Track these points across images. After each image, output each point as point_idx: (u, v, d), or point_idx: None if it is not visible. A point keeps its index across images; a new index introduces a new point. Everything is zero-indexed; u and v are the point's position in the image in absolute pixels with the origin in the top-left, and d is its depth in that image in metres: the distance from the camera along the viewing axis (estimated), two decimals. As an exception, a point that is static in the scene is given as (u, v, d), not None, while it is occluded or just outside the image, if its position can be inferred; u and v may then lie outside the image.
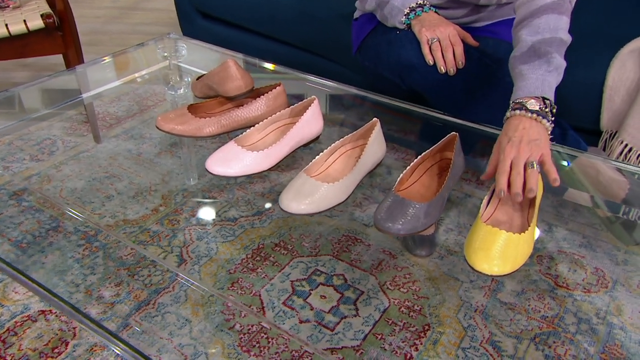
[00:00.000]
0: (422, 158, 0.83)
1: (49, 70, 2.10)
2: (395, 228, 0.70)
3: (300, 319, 0.85)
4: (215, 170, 0.83)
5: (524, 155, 0.74)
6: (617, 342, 0.82)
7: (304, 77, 1.20)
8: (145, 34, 2.53)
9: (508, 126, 0.79)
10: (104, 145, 1.31)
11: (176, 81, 1.21)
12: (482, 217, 0.71)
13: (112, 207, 1.09)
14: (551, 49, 0.83)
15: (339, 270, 0.94)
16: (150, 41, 1.32)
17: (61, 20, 1.53)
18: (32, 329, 0.88)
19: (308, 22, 1.53)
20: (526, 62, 0.83)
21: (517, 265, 0.64)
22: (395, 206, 0.72)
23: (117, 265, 0.96)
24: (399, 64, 1.01)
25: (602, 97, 1.11)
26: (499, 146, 0.78)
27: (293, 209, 0.75)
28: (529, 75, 0.81)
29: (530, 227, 0.69)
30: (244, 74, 0.93)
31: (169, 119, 0.91)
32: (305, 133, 0.89)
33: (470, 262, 0.64)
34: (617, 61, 1.08)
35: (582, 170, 0.98)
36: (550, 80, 0.81)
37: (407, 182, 0.82)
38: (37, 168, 1.22)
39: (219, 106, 1.00)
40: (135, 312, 0.87)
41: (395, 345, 0.81)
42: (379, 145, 0.88)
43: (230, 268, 0.95)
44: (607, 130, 1.12)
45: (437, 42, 0.97)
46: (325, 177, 0.83)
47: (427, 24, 1.00)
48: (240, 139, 0.87)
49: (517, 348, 0.81)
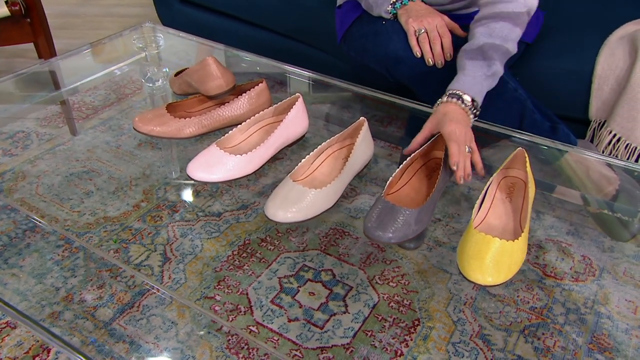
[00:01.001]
0: (411, 159, 0.82)
1: (19, 57, 2.02)
2: (386, 237, 0.69)
3: (289, 318, 0.84)
4: (197, 176, 0.80)
5: (468, 141, 0.83)
6: (605, 331, 0.83)
7: (285, 68, 1.17)
8: (120, 16, 2.44)
9: (446, 109, 0.86)
10: (80, 138, 1.27)
11: (154, 73, 1.17)
12: (473, 222, 0.69)
13: (92, 204, 1.05)
14: (495, 55, 0.92)
15: (327, 265, 0.93)
16: (126, 31, 1.27)
17: (28, 7, 1.45)
18: (11, 336, 0.85)
19: (290, 8, 1.48)
20: (472, 58, 0.92)
21: (511, 274, 0.63)
22: (386, 213, 0.70)
23: (99, 266, 0.94)
24: (385, 56, 0.99)
25: (590, 86, 1.09)
26: (435, 126, 0.86)
27: (280, 218, 0.73)
28: (470, 73, 0.91)
29: (524, 233, 0.68)
30: (224, 71, 0.89)
31: (147, 119, 0.88)
32: (290, 133, 0.86)
33: (463, 272, 0.63)
34: (606, 49, 1.06)
35: (571, 166, 0.97)
36: (484, 85, 0.91)
37: (397, 185, 0.80)
38: (11, 163, 1.17)
39: (199, 104, 0.96)
40: (119, 315, 0.85)
41: (386, 342, 0.81)
42: (367, 145, 0.86)
43: (216, 266, 0.93)
44: (596, 120, 1.11)
45: (425, 33, 0.95)
46: (312, 182, 0.81)
47: (414, 14, 0.97)
48: (223, 141, 0.84)
49: (507, 341, 0.81)
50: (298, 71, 1.17)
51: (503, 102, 0.96)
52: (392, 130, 1.29)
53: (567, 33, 1.01)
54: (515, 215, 0.72)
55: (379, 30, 1.01)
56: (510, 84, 0.98)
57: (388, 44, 0.98)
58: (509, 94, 0.97)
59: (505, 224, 0.71)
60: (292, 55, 1.46)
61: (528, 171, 0.82)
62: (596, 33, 1.12)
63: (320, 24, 1.40)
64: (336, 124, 1.21)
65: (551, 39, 1.12)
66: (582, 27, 1.16)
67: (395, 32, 0.98)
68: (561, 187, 0.98)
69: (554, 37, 1.10)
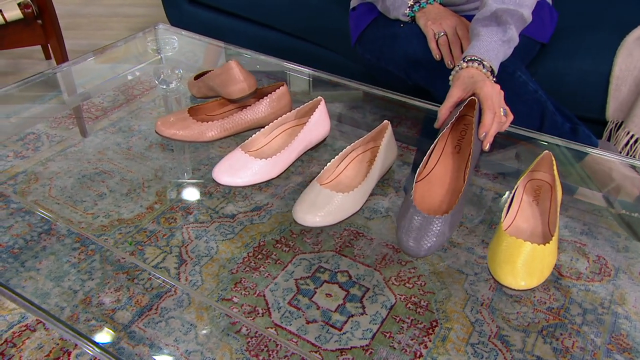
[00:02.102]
0: (429, 164, 0.81)
1: (26, 58, 2.02)
2: (423, 252, 0.68)
3: (307, 320, 0.84)
4: (223, 180, 0.80)
5: (502, 104, 0.81)
6: (623, 332, 0.83)
7: (287, 66, 1.16)
8: (125, 16, 2.44)
9: (470, 72, 0.83)
10: (91, 140, 1.26)
11: (167, 75, 1.16)
12: (503, 225, 0.69)
13: (105, 206, 1.05)
14: (510, 20, 0.88)
15: (343, 266, 0.93)
16: (139, 33, 1.26)
17: (40, 10, 1.45)
18: (31, 339, 0.85)
19: (299, 8, 1.48)
20: (486, 25, 0.88)
21: (543, 278, 0.63)
22: (420, 225, 0.69)
23: (116, 269, 0.94)
24: (405, 59, 0.99)
25: (608, 87, 1.09)
26: (463, 91, 0.83)
27: (309, 222, 0.73)
28: (485, 39, 0.87)
29: (554, 236, 0.68)
30: (247, 75, 0.89)
31: (170, 123, 0.88)
32: (313, 137, 0.87)
33: (495, 276, 0.62)
34: (624, 50, 1.06)
35: (593, 167, 0.97)
36: (500, 51, 0.88)
37: (420, 190, 0.80)
38: (23, 165, 1.17)
39: (220, 108, 0.96)
40: (138, 318, 0.85)
41: (405, 344, 0.81)
42: (390, 149, 0.86)
43: (232, 268, 0.93)
44: (613, 121, 1.11)
45: (444, 36, 0.95)
46: (337, 185, 0.81)
47: (432, 16, 0.97)
48: (247, 145, 0.84)
49: (526, 342, 0.81)
50: (300, 69, 1.17)
51: (524, 105, 0.96)
52: (402, 130, 1.29)
53: (583, 33, 1.01)
54: (543, 218, 0.72)
55: (397, 33, 1.00)
56: (531, 85, 0.98)
57: (407, 47, 0.98)
58: (530, 96, 0.97)
59: (533, 227, 0.71)
60: (301, 55, 1.46)
61: (555, 174, 0.82)
62: (612, 33, 1.12)
63: (330, 23, 1.40)
64: (348, 124, 1.21)
65: (567, 40, 1.12)
66: (598, 28, 1.16)
67: (414, 35, 0.98)
68: (583, 189, 0.98)
69: (570, 38, 1.10)
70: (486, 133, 0.77)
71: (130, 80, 1.46)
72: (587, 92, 1.13)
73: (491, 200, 1.05)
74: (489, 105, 0.78)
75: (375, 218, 1.02)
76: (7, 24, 1.42)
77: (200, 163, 1.13)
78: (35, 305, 0.65)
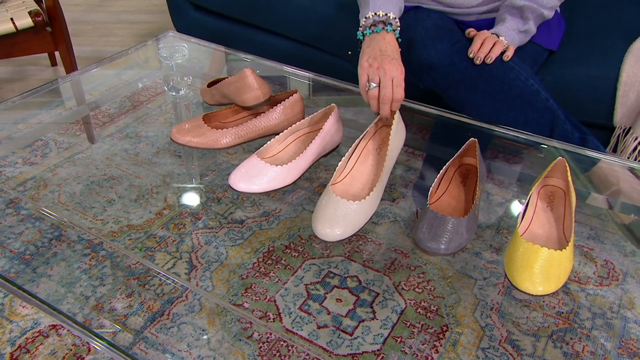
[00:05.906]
0: (446, 168, 0.82)
1: (32, 64, 2.03)
2: (441, 249, 0.70)
3: (318, 325, 0.85)
4: (239, 187, 0.81)
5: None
6: (633, 336, 0.83)
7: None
8: (129, 22, 2.45)
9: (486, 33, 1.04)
10: (99, 146, 1.27)
11: (177, 82, 1.17)
12: (519, 230, 0.70)
13: (115, 212, 1.06)
14: (531, 17, 1.06)
15: (352, 271, 0.94)
16: (149, 41, 1.27)
17: (50, 17, 1.46)
18: (44, 345, 0.86)
19: (307, 15, 1.49)
20: (512, 15, 1.07)
21: (560, 283, 0.63)
22: (437, 224, 0.70)
23: (127, 274, 0.94)
24: (418, 63, 0.99)
25: (615, 93, 1.10)
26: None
27: (330, 237, 0.74)
28: (508, 25, 1.06)
29: (570, 242, 0.68)
30: (261, 83, 0.90)
31: (185, 130, 0.89)
32: (327, 144, 0.87)
33: (513, 282, 0.63)
34: (631, 56, 1.07)
35: (602, 177, 0.98)
36: (516, 37, 1.06)
37: (436, 194, 0.80)
38: (32, 172, 1.18)
39: (233, 115, 0.97)
40: (150, 324, 0.85)
41: (416, 348, 0.81)
42: (399, 136, 0.86)
43: (243, 273, 0.93)
44: (620, 126, 1.12)
45: (376, 88, 0.88)
46: (348, 190, 0.81)
47: (375, 54, 0.89)
48: (262, 152, 0.85)
49: (536, 346, 0.81)
50: (302, 73, 1.18)
51: (535, 113, 0.97)
52: (409, 135, 1.30)
53: (590, 39, 1.02)
54: (557, 224, 0.73)
55: (413, 38, 1.01)
56: (543, 94, 0.99)
57: (422, 52, 0.98)
58: (541, 105, 0.98)
59: (549, 233, 0.72)
60: (309, 62, 1.47)
61: (569, 180, 0.83)
62: (620, 40, 1.14)
63: (337, 30, 1.41)
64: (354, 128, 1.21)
65: (575, 46, 1.13)
66: (606, 34, 1.17)
67: (429, 38, 0.98)
68: (592, 195, 0.98)
69: (577, 44, 1.11)
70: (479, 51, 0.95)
71: (137, 86, 1.47)
72: (594, 98, 1.14)
73: (498, 206, 1.06)
74: (479, 35, 0.98)
75: (382, 223, 1.03)
76: (18, 32, 1.43)
77: (208, 169, 1.14)
78: (55, 309, 0.65)
